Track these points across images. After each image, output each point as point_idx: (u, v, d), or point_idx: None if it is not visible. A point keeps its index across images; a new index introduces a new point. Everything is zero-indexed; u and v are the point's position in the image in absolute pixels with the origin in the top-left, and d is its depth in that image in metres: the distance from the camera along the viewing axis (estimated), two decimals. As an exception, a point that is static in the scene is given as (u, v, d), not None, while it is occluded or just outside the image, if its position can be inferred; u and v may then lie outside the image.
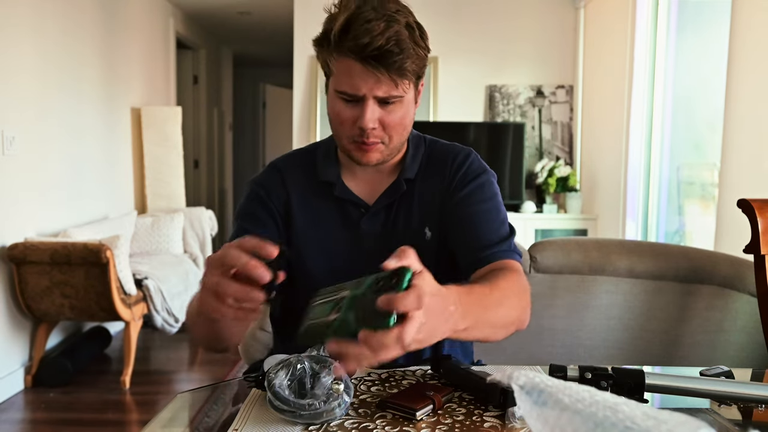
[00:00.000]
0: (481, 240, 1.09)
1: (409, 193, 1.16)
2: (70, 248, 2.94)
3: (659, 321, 1.62)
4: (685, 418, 0.57)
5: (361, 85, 1.00)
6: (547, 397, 0.63)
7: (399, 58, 0.97)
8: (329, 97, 1.07)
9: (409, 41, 0.98)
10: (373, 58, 0.97)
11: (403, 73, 1.00)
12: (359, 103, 1.02)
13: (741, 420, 0.90)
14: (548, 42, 4.56)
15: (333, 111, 1.06)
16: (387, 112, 1.03)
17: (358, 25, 0.96)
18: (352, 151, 1.08)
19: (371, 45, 0.95)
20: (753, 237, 1.34)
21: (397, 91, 1.01)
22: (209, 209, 4.61)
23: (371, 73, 0.98)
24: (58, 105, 3.51)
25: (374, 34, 0.95)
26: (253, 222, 1.15)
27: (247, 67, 7.99)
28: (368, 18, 0.96)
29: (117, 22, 4.28)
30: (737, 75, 2.43)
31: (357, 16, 0.96)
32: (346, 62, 0.99)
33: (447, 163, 1.17)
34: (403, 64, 0.98)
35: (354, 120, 1.04)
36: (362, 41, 0.95)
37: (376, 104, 1.02)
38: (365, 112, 1.01)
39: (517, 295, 1.00)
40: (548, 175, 4.34)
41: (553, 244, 1.68)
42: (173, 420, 0.93)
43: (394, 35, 0.96)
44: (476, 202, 1.13)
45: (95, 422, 2.77)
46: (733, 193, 2.39)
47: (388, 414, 0.86)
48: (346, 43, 0.97)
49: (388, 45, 0.96)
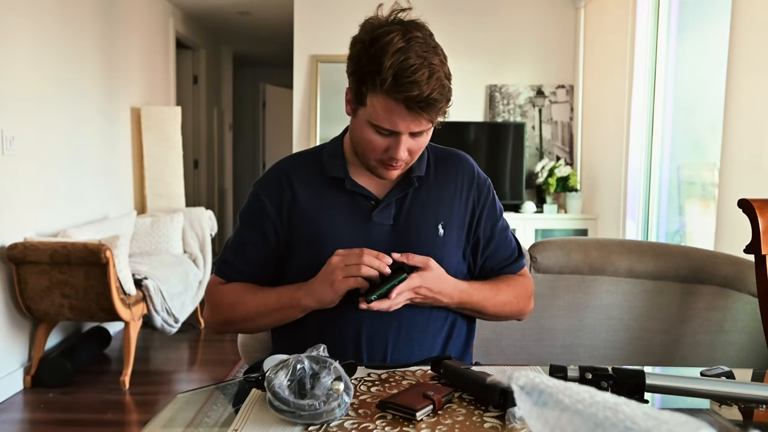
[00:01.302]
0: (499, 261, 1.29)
1: (421, 190, 1.22)
2: (70, 248, 2.94)
3: (659, 321, 1.62)
4: (686, 419, 0.57)
5: (400, 124, 1.08)
6: (547, 398, 0.63)
7: (441, 105, 1.07)
8: (359, 123, 1.13)
9: (445, 87, 1.07)
10: (420, 107, 1.04)
11: (439, 116, 1.09)
12: (392, 135, 1.10)
13: (741, 420, 0.90)
14: (548, 42, 4.56)
15: (364, 138, 1.13)
16: (415, 141, 1.12)
17: (408, 75, 1.02)
18: (377, 168, 1.16)
19: (419, 97, 1.03)
20: (753, 237, 1.34)
21: (430, 125, 1.11)
22: (209, 209, 4.60)
23: (413, 116, 1.06)
24: (58, 104, 3.51)
25: (422, 86, 1.03)
26: (256, 224, 1.23)
27: (247, 67, 7.99)
28: (414, 66, 1.02)
29: (117, 21, 4.28)
30: (737, 75, 2.43)
31: (406, 63, 1.02)
32: (389, 104, 1.06)
33: (457, 166, 1.27)
34: (443, 108, 1.08)
35: (385, 148, 1.11)
36: (412, 93, 1.03)
37: (408, 137, 1.10)
38: (399, 146, 1.10)
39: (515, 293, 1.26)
40: (548, 175, 4.33)
41: (553, 244, 1.68)
42: (173, 420, 0.93)
43: (437, 84, 1.04)
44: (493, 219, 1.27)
45: (95, 422, 2.77)
46: (733, 193, 2.39)
47: (388, 414, 0.85)
48: (395, 91, 1.03)
49: (433, 94, 1.04)
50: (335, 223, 1.18)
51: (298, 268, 1.19)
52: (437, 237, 1.20)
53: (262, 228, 1.22)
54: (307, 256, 1.18)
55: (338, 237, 1.16)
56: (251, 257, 1.23)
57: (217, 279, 1.26)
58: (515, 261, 1.30)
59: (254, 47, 7.18)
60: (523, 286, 1.29)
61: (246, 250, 1.23)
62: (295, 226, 1.20)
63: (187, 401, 0.98)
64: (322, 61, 4.60)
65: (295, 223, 1.20)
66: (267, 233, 1.21)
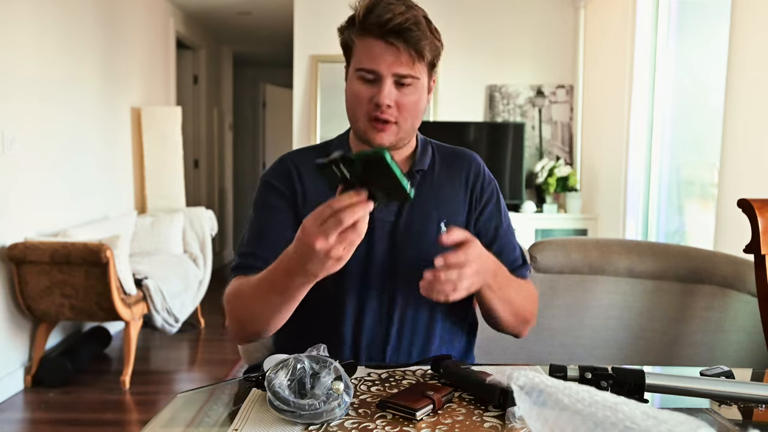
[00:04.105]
0: None
1: (424, 186, 1.21)
2: (70, 248, 2.94)
3: (659, 321, 1.62)
4: (685, 418, 0.57)
5: (380, 61, 1.08)
6: (546, 397, 0.63)
7: (417, 34, 1.07)
8: (348, 82, 1.14)
9: (425, 26, 1.09)
10: (394, 32, 1.06)
11: (420, 51, 1.08)
12: (377, 83, 1.10)
13: (741, 420, 0.90)
14: (548, 42, 4.56)
15: (351, 92, 1.13)
16: (402, 94, 1.10)
17: (382, 7, 1.07)
18: (367, 131, 1.13)
19: (392, 21, 1.06)
20: (753, 237, 1.34)
21: (413, 70, 1.09)
22: (209, 209, 4.60)
23: (391, 49, 1.07)
24: (58, 105, 3.51)
25: (396, 13, 1.06)
26: (272, 212, 1.18)
27: (247, 67, 7.98)
28: (390, 1, 1.08)
29: (117, 21, 4.28)
30: (737, 74, 2.43)
31: (380, 0, 1.08)
32: (368, 41, 1.09)
33: (462, 163, 1.25)
34: (420, 42, 1.07)
35: (371, 97, 1.10)
36: (384, 17, 1.06)
37: (393, 85, 1.10)
38: (383, 89, 1.09)
39: (530, 298, 1.20)
40: (548, 175, 4.34)
41: (553, 244, 1.68)
42: (173, 420, 0.93)
43: (413, 17, 1.07)
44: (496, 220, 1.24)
45: (95, 422, 2.77)
46: (732, 193, 2.39)
47: (388, 414, 0.85)
48: (370, 21, 1.07)
49: (407, 23, 1.06)
50: None
51: None
52: (439, 234, 1.18)
53: (282, 210, 1.17)
54: None
55: None
56: (273, 243, 1.12)
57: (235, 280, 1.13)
58: (519, 268, 1.24)
59: (254, 47, 7.17)
60: (532, 294, 1.22)
61: (266, 237, 1.15)
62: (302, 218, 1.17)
63: (187, 401, 0.98)
64: (322, 61, 4.60)
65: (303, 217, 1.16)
66: (287, 214, 1.16)
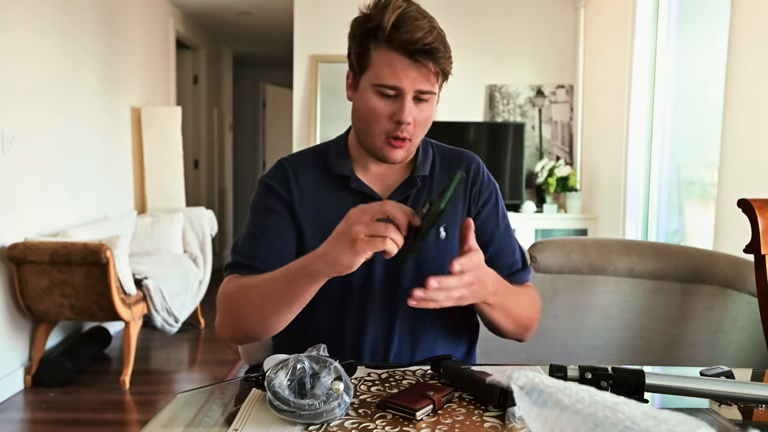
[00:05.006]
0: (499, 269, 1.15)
1: (424, 191, 1.19)
2: (70, 248, 2.94)
3: (659, 321, 1.62)
4: (685, 418, 0.57)
5: (403, 78, 1.05)
6: (546, 398, 0.63)
7: (443, 54, 1.06)
8: (362, 95, 1.10)
9: (447, 45, 1.08)
10: (423, 52, 1.04)
11: (443, 69, 1.07)
12: (397, 99, 1.07)
13: (741, 420, 0.90)
14: (548, 42, 4.56)
15: (367, 106, 1.09)
16: (419, 109, 1.09)
17: (410, 23, 1.03)
18: (383, 147, 1.11)
19: (422, 40, 1.03)
20: (753, 237, 1.34)
21: (433, 87, 1.08)
22: (209, 209, 4.60)
23: (416, 67, 1.05)
24: (57, 105, 3.51)
25: (425, 31, 1.04)
26: (270, 215, 1.17)
27: (247, 67, 7.98)
28: (416, 17, 1.05)
29: (117, 22, 4.28)
30: (736, 74, 2.43)
31: (406, 14, 1.04)
32: (391, 55, 1.05)
33: (461, 164, 1.24)
34: (445, 61, 1.07)
35: (391, 115, 1.08)
36: (415, 36, 1.03)
37: (412, 101, 1.08)
38: (404, 106, 1.07)
39: (531, 306, 1.19)
40: (548, 175, 4.34)
41: (553, 244, 1.68)
42: (173, 420, 0.93)
43: (439, 35, 1.06)
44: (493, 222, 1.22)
45: (95, 422, 2.77)
46: (732, 193, 2.39)
47: (388, 414, 0.85)
48: (397, 38, 1.03)
49: (435, 42, 1.04)
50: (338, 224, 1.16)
51: None
52: (439, 240, 1.16)
53: (280, 213, 1.16)
54: None
55: None
56: (270, 244, 1.14)
57: (229, 279, 1.13)
58: (519, 271, 1.22)
59: (254, 47, 7.17)
60: (534, 300, 1.21)
61: (263, 237, 1.15)
62: (302, 221, 1.16)
63: (187, 401, 0.98)
64: (322, 61, 4.60)
65: (303, 220, 1.16)
66: (285, 217, 1.16)
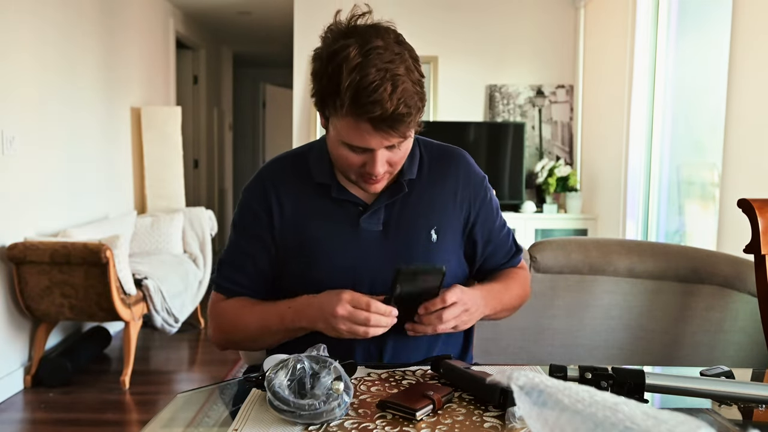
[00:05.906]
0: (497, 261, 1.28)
1: (412, 193, 1.16)
2: (70, 248, 2.94)
3: (659, 321, 1.62)
4: (685, 418, 0.57)
5: (371, 141, 1.00)
6: (546, 398, 0.63)
7: (409, 119, 0.98)
8: (332, 141, 1.07)
9: (415, 96, 0.98)
10: (385, 123, 0.97)
11: (412, 127, 1.02)
12: (367, 151, 1.03)
13: (741, 420, 0.90)
14: (548, 42, 4.56)
15: (339, 155, 1.06)
16: (394, 153, 1.05)
17: (369, 92, 0.94)
18: (359, 183, 1.10)
19: (383, 116, 0.95)
20: (753, 237, 1.34)
21: (404, 137, 1.03)
22: (209, 209, 4.60)
23: (382, 133, 0.99)
24: (57, 105, 3.51)
25: (384, 104, 0.94)
26: (252, 241, 1.17)
27: (247, 67, 7.98)
28: (373, 80, 0.94)
29: (117, 22, 4.28)
30: (738, 74, 2.43)
31: (364, 79, 0.94)
32: (355, 124, 0.99)
33: (450, 162, 1.21)
34: (412, 121, 1.00)
35: (362, 164, 1.05)
36: (374, 113, 0.95)
37: (384, 150, 1.03)
38: (375, 163, 1.03)
39: (521, 286, 1.27)
40: (548, 175, 4.33)
41: (553, 244, 1.68)
42: (173, 420, 0.93)
43: (402, 97, 0.96)
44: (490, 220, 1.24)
45: (95, 422, 2.77)
46: (734, 193, 2.39)
47: (388, 414, 0.85)
48: (357, 111, 0.96)
49: (399, 109, 0.96)
50: (324, 232, 1.13)
51: (291, 278, 1.15)
52: (430, 243, 1.15)
53: (259, 235, 1.16)
54: (298, 266, 1.14)
55: (327, 245, 1.13)
56: (250, 269, 1.17)
57: (218, 296, 1.20)
58: (513, 257, 1.29)
59: (254, 47, 7.18)
60: (524, 278, 1.29)
61: (244, 261, 1.17)
62: (285, 234, 1.15)
63: (187, 401, 0.98)
64: (322, 61, 4.59)
65: (285, 232, 1.15)
66: (264, 240, 1.16)
